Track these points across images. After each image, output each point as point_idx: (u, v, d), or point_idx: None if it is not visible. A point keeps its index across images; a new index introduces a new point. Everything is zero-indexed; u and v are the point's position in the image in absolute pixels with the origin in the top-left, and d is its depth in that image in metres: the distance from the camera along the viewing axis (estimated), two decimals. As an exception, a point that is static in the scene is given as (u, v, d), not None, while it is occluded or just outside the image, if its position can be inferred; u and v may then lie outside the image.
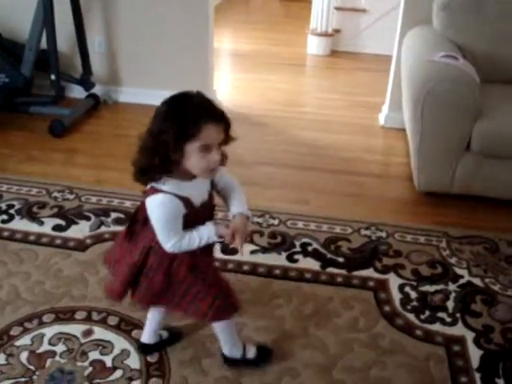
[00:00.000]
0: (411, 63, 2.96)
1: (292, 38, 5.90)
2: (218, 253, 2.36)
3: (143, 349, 1.91)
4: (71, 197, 2.76)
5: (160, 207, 1.52)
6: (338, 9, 5.45)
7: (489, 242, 2.53)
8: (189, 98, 1.49)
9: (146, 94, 3.88)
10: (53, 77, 3.45)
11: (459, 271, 2.34)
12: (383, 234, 2.56)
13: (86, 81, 3.80)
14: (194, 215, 1.57)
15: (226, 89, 4.33)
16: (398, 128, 3.56)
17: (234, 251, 2.36)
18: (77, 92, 3.87)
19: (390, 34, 3.77)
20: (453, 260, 2.41)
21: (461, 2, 3.05)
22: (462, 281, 2.29)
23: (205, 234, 1.57)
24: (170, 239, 1.55)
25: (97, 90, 3.89)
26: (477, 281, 2.29)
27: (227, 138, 1.51)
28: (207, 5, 3.66)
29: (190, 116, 1.43)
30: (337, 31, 5.49)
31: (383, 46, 4.80)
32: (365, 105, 4.10)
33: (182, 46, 3.78)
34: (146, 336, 1.90)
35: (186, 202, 1.53)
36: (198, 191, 1.58)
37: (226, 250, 2.38)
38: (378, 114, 3.85)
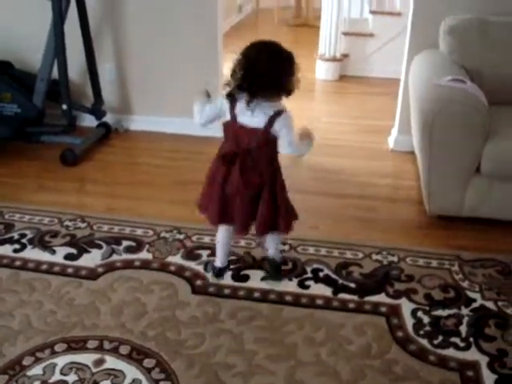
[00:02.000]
0: (419, 87, 2.97)
1: (300, 63, 5.90)
2: (228, 280, 2.37)
3: (218, 273, 2.36)
4: (83, 225, 2.78)
5: (292, 118, 2.10)
6: (345, 34, 5.50)
7: (501, 265, 2.51)
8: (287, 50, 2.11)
9: (157, 121, 3.93)
10: (64, 106, 3.49)
11: (472, 295, 2.32)
12: (395, 259, 2.54)
13: (97, 110, 3.84)
14: None
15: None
16: (408, 151, 3.57)
17: (245, 278, 2.38)
18: (88, 121, 3.92)
19: (398, 57, 3.79)
20: (465, 284, 2.39)
21: (467, 26, 3.07)
22: (474, 305, 2.27)
23: (307, 145, 2.20)
24: (296, 142, 2.11)
25: (108, 118, 3.93)
26: (490, 304, 2.27)
27: None
28: (216, 32, 3.72)
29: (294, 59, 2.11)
30: (345, 56, 5.53)
31: (391, 70, 4.82)
32: (374, 129, 4.11)
33: (191, 73, 3.81)
34: (221, 260, 2.36)
35: None
36: None
37: (236, 277, 2.39)
38: (387, 137, 3.86)
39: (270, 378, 1.90)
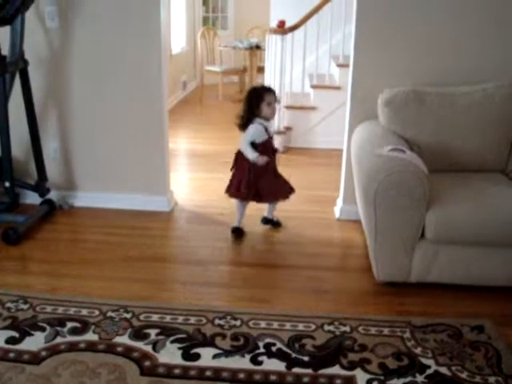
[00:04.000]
0: (361, 157, 3.05)
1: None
2: (179, 359, 2.30)
3: (236, 231, 3.50)
4: (25, 307, 2.67)
5: (253, 128, 3.34)
6: (288, 107, 5.65)
7: (452, 329, 2.53)
8: (258, 87, 3.50)
9: (103, 197, 3.88)
10: (7, 184, 3.41)
11: (425, 361, 2.32)
12: (347, 329, 2.53)
13: (40, 187, 3.76)
14: (268, 141, 3.41)
15: (183, 189, 4.36)
16: (354, 220, 3.62)
17: (195, 357, 2.30)
18: (32, 198, 3.83)
19: (339, 129, 3.91)
20: (418, 350, 2.38)
21: (403, 99, 3.19)
22: (429, 371, 2.26)
23: (253, 156, 3.31)
24: (246, 147, 3.33)
25: (52, 195, 3.86)
26: (444, 370, 2.27)
27: (276, 99, 3.37)
28: (162, 108, 3.75)
29: (261, 92, 3.36)
30: (288, 129, 5.67)
31: (334, 141, 4.96)
32: (320, 199, 4.17)
33: (137, 149, 3.82)
34: (238, 220, 3.52)
35: (265, 128, 3.38)
36: (270, 127, 3.43)
37: (186, 356, 2.32)
38: (332, 207, 3.92)
39: None
